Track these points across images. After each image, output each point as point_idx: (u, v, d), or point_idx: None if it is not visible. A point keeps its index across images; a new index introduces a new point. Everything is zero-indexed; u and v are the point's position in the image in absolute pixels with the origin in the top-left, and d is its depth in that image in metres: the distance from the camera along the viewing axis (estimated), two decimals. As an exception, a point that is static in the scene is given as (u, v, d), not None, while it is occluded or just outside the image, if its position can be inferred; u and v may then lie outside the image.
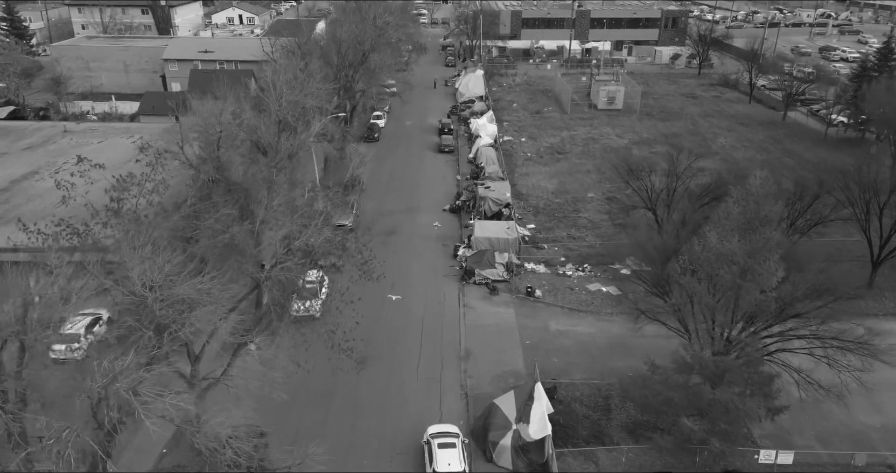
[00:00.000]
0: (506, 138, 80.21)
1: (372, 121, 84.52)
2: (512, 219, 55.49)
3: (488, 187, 59.20)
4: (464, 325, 43.07)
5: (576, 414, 34.65)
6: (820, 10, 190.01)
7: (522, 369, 38.38)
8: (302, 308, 40.12)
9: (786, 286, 31.00)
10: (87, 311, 38.23)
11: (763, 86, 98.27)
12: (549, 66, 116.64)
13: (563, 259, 51.40)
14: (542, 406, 31.15)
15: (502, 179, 63.99)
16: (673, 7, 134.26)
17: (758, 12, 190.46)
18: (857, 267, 46.91)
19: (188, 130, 42.15)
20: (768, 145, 76.55)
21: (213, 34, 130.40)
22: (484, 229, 52.11)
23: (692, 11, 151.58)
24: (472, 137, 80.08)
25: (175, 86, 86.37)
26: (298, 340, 34.68)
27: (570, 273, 49.49)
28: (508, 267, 49.03)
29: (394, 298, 45.96)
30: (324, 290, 43.85)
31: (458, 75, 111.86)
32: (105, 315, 39.42)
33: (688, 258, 32.93)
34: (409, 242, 54.43)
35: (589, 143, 77.88)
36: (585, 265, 50.46)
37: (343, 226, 50.29)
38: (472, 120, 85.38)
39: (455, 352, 40.25)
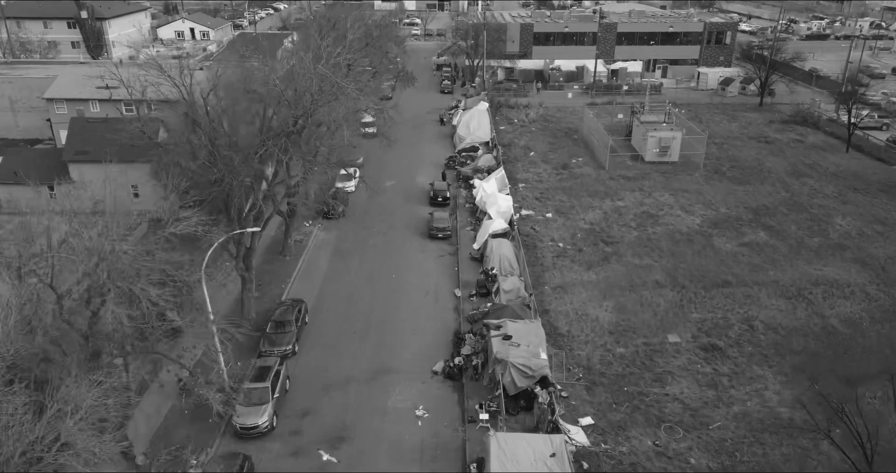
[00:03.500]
0: (524, 213, 56.38)
1: (337, 184, 60.71)
2: (557, 423, 31.25)
3: (509, 339, 35.18)
4: None
5: None
6: (867, 19, 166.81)
7: None
8: None
9: None
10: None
11: (853, 124, 74.77)
12: (569, 95, 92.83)
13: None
14: None
15: (527, 306, 40.14)
16: (718, 19, 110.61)
17: (795, 21, 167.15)
18: None
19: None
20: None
21: (156, 52, 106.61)
22: (512, 449, 28.04)
23: (741, 22, 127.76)
24: (476, 213, 56.23)
25: (64, 136, 62.43)
26: None
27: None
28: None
29: None
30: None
31: (456, 106, 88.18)
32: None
33: None
34: (368, 462, 30.51)
35: (645, 222, 54.00)
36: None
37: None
38: (475, 181, 61.60)
39: None
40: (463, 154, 71.07)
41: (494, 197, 54.49)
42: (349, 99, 35.52)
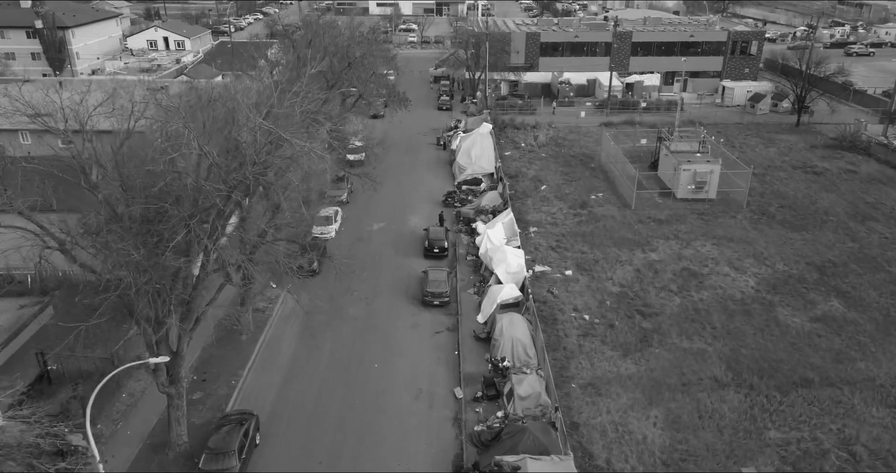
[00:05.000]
0: (538, 269, 46.38)
1: (315, 230, 50.80)
2: None
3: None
4: None
5: None
6: (890, 25, 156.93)
7: None
8: None
9: None
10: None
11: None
12: (582, 114, 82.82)
13: None
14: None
15: (551, 424, 30.15)
16: (743, 27, 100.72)
17: (813, 26, 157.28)
18: None
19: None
20: None
21: (125, 64, 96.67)
22: None
23: (766, 31, 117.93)
24: (480, 270, 46.26)
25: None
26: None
27: None
28: None
29: None
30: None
31: (456, 127, 78.24)
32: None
33: None
34: None
35: (688, 284, 43.97)
36: None
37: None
38: (478, 224, 51.68)
39: None
40: (464, 187, 61.09)
41: (502, 252, 44.45)
42: (310, 157, 25.53)
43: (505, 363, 34.85)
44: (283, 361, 36.94)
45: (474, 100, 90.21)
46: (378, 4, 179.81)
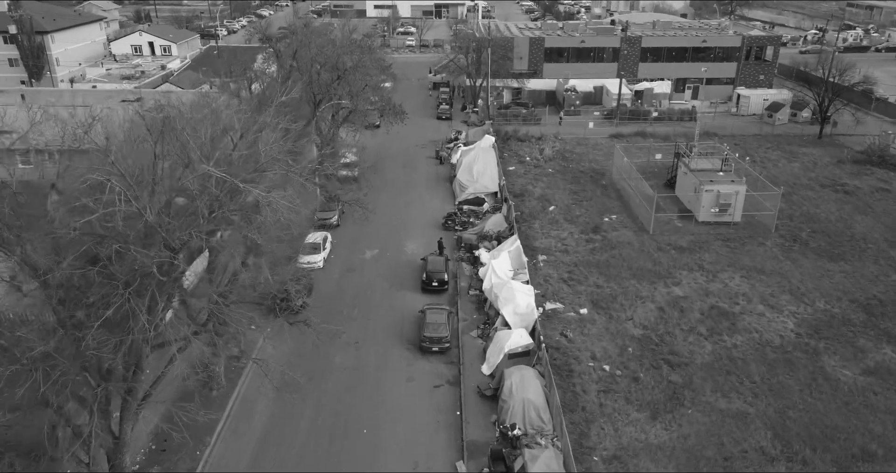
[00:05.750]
0: (549, 307, 41.43)
1: (301, 260, 45.84)
2: None
3: None
4: None
5: None
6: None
7: None
8: None
9: None
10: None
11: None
12: (590, 124, 77.83)
13: None
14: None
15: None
16: (758, 32, 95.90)
17: (824, 29, 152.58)
18: None
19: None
20: None
21: (107, 71, 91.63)
22: None
23: (783, 36, 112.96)
24: (484, 307, 41.37)
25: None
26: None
27: None
28: None
29: None
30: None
31: (456, 138, 73.36)
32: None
33: None
34: None
35: (719, 325, 39.01)
36: None
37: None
38: (482, 253, 46.79)
39: None
40: (465, 208, 56.16)
41: (510, 289, 39.48)
42: (272, 210, 20.64)
43: (516, 431, 29.92)
44: (257, 425, 31.97)
45: (475, 109, 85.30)
46: (375, 6, 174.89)
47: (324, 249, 47.89)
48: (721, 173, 53.87)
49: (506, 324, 38.12)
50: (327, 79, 45.56)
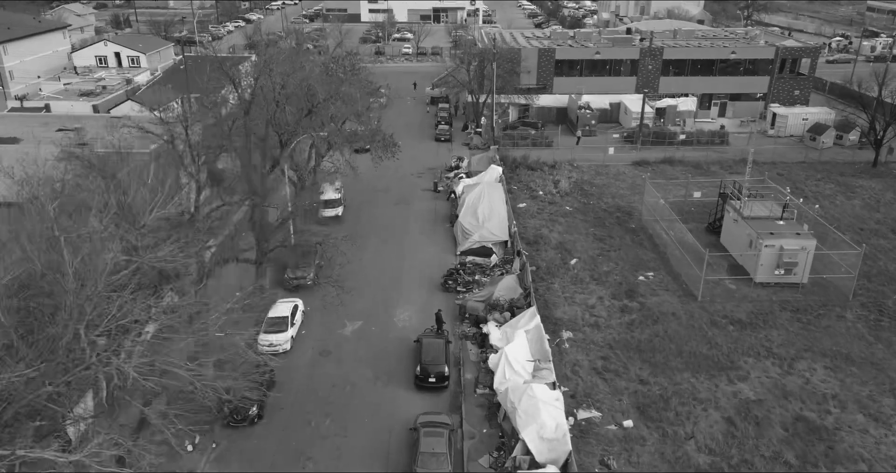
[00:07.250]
0: (582, 416, 31.63)
1: (262, 340, 35.96)
2: None
3: None
4: None
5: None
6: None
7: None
8: None
9: None
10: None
11: None
12: (610, 150, 67.93)
13: None
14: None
15: None
16: (792, 42, 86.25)
17: (847, 35, 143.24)
18: None
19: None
20: None
21: (65, 86, 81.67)
22: None
23: (820, 47, 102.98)
24: (498, 416, 31.60)
25: None
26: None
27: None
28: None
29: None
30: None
31: (457, 167, 63.70)
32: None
33: None
34: None
35: (811, 450, 29.17)
36: None
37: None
38: (491, 330, 37.10)
39: None
40: (468, 260, 46.42)
41: (532, 400, 29.61)
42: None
43: None
44: None
45: (478, 130, 75.53)
46: (370, 10, 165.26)
47: (292, 324, 38.00)
48: (781, 222, 44.12)
49: (527, 452, 28.33)
50: (295, 114, 35.92)
